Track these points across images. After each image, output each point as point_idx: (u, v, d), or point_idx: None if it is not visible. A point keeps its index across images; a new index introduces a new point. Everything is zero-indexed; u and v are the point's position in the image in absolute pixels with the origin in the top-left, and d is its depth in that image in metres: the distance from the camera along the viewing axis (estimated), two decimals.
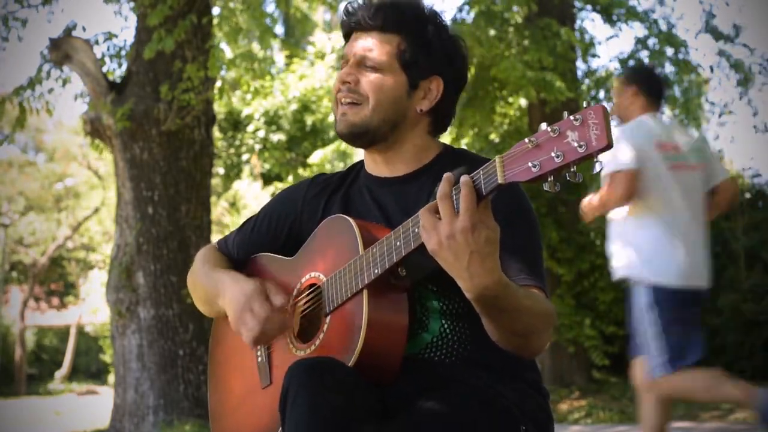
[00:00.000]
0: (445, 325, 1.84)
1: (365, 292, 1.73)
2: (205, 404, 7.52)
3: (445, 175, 1.57)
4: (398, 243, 1.67)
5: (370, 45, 1.91)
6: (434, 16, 1.95)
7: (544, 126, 1.46)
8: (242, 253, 2.16)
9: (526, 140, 1.46)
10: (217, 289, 2.02)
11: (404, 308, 1.76)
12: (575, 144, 1.40)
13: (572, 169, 1.43)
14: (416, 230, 1.63)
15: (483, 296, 1.57)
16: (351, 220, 1.83)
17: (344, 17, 1.97)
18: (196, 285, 2.15)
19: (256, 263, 2.12)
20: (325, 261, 1.89)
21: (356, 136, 1.93)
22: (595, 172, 1.44)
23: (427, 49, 1.92)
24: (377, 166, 2.01)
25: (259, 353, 2.00)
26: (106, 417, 8.40)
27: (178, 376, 7.51)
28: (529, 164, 1.45)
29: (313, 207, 2.06)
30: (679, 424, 8.27)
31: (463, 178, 1.53)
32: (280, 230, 2.10)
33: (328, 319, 1.82)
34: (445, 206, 1.54)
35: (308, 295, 1.92)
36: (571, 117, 1.41)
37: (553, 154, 1.42)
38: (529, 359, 1.88)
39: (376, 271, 1.71)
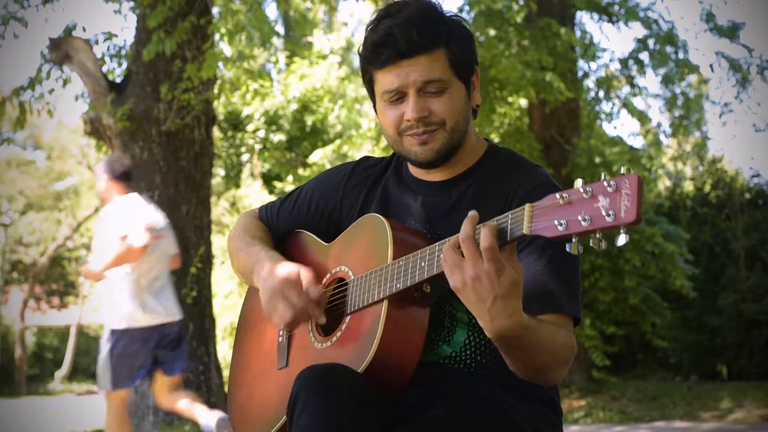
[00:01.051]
0: (471, 338, 1.83)
1: (385, 303, 1.73)
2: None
3: (471, 214, 1.55)
4: (423, 263, 1.67)
5: (425, 69, 1.81)
6: (444, 10, 1.91)
7: (579, 183, 1.44)
8: (282, 227, 2.16)
9: (557, 195, 1.45)
10: (252, 266, 2.02)
11: (423, 324, 1.75)
12: (604, 212, 1.38)
13: (597, 236, 1.41)
14: (441, 255, 1.62)
15: (502, 337, 1.57)
16: (387, 225, 1.81)
17: (381, 48, 1.83)
18: (233, 253, 2.15)
19: (295, 240, 2.12)
20: (355, 258, 1.89)
21: (441, 159, 1.88)
22: (618, 244, 1.39)
23: (465, 46, 1.88)
24: (426, 172, 1.96)
25: (281, 333, 2.01)
26: None
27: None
28: (556, 222, 1.43)
29: (353, 197, 2.05)
30: (679, 424, 8.27)
31: (490, 223, 1.52)
32: (320, 214, 2.09)
33: (347, 319, 1.83)
34: (469, 247, 1.52)
35: (335, 288, 1.93)
36: (605, 182, 1.39)
37: (580, 218, 1.40)
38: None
39: (398, 285, 1.71)
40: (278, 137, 15.91)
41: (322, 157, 12.69)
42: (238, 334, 2.21)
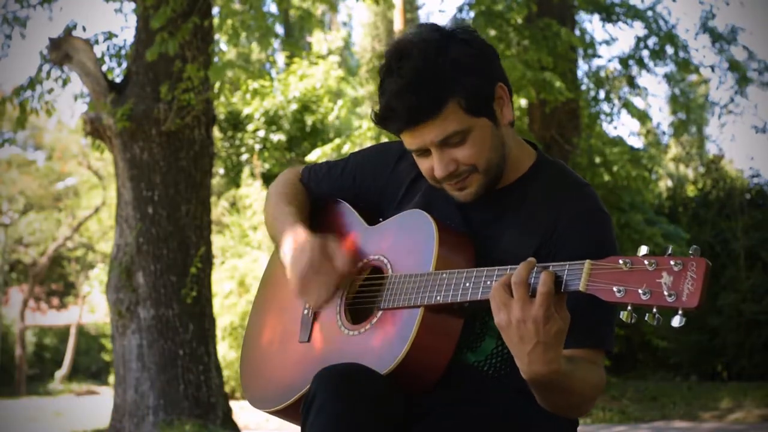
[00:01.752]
0: (499, 348, 1.82)
1: (422, 310, 1.72)
2: (204, 404, 7.53)
3: (529, 259, 1.54)
4: (467, 284, 1.66)
5: (438, 130, 1.74)
6: (448, 40, 1.77)
7: (643, 250, 1.44)
8: (322, 193, 2.12)
9: (621, 261, 1.44)
10: (280, 233, 2.00)
11: (455, 334, 1.75)
12: (666, 290, 1.38)
13: (653, 311, 1.40)
14: (488, 283, 1.62)
15: (536, 380, 1.57)
16: (435, 229, 1.79)
17: (387, 122, 1.78)
18: (266, 210, 2.12)
19: (338, 210, 2.09)
20: (396, 253, 1.87)
21: (485, 194, 1.84)
22: (674, 325, 1.38)
23: (475, 78, 1.76)
24: None
25: (306, 305, 1.98)
26: (106, 417, 8.39)
27: (178, 376, 7.50)
28: (615, 288, 1.43)
29: (397, 182, 2.00)
30: (679, 423, 8.27)
31: (545, 274, 1.50)
32: (365, 188, 2.05)
33: (380, 313, 1.81)
34: (520, 291, 1.52)
35: (371, 277, 1.90)
36: (672, 260, 1.39)
37: (640, 290, 1.40)
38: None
39: (438, 298, 1.70)
40: (278, 137, 15.91)
41: (320, 156, 12.69)
42: (260, 291, 2.17)
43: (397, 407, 1.69)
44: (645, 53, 11.68)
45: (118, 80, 8.14)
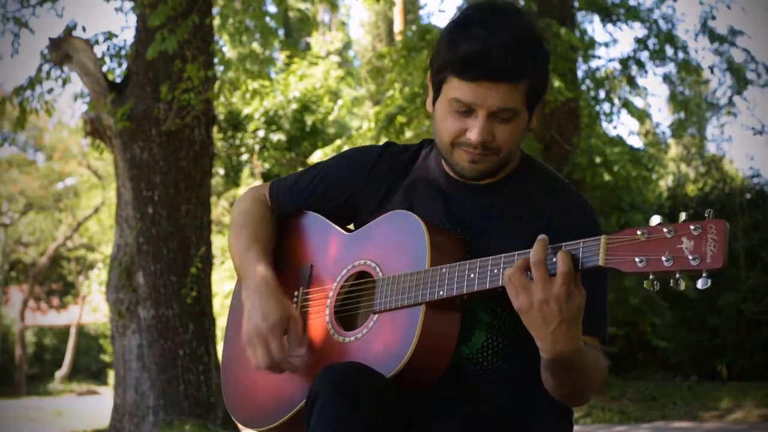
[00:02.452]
0: (488, 341, 1.83)
1: (423, 308, 1.72)
2: (204, 404, 7.53)
3: (541, 238, 1.55)
4: (472, 275, 1.66)
5: (505, 97, 1.75)
6: (541, 36, 1.83)
7: (656, 220, 1.44)
8: (291, 206, 2.08)
9: (638, 231, 1.44)
10: (243, 277, 1.96)
11: (456, 329, 1.75)
12: (689, 254, 1.38)
13: (677, 276, 1.41)
14: (495, 271, 1.62)
15: (558, 360, 1.59)
16: (424, 227, 1.78)
17: (471, 63, 1.74)
18: (231, 241, 2.07)
19: (307, 221, 2.05)
20: (384, 256, 1.85)
21: (481, 177, 1.86)
22: (700, 287, 1.39)
23: (543, 76, 1.83)
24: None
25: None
26: (106, 417, 8.40)
27: (178, 376, 7.51)
28: (636, 259, 1.44)
29: (376, 185, 1.98)
30: (679, 423, 8.27)
31: (563, 253, 1.52)
32: (337, 196, 2.02)
33: (376, 317, 1.80)
34: (540, 271, 1.53)
35: (359, 282, 1.89)
36: (691, 225, 1.40)
37: (663, 258, 1.41)
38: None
39: (441, 293, 1.70)
40: (278, 137, 15.91)
41: (321, 158, 12.70)
42: (232, 316, 2.12)
43: (400, 405, 1.68)
44: (645, 54, 11.69)
45: (118, 80, 8.15)
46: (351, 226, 2.03)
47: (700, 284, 1.39)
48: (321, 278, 1.95)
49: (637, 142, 19.04)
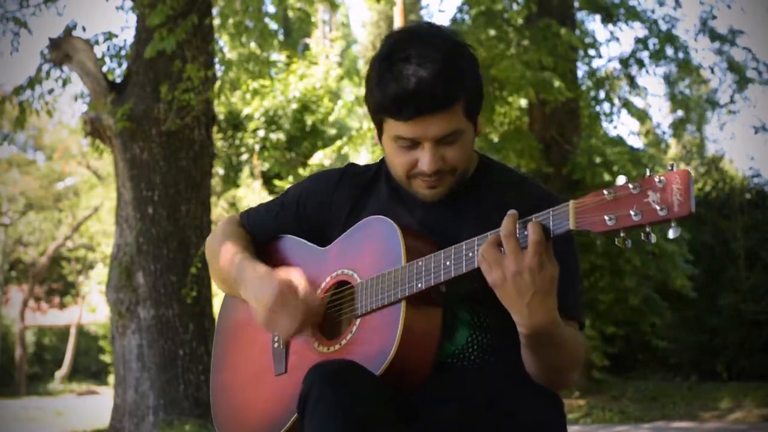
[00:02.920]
0: (472, 336, 1.84)
1: (403, 303, 1.73)
2: (204, 404, 7.53)
3: (511, 212, 1.58)
4: (448, 263, 1.68)
5: (445, 124, 1.77)
6: (462, 42, 1.85)
7: (622, 179, 1.46)
8: (263, 233, 2.11)
9: (605, 191, 1.46)
10: (237, 277, 1.98)
11: (438, 323, 1.77)
12: (656, 206, 1.40)
13: (647, 230, 1.43)
14: (470, 255, 1.64)
15: (536, 333, 1.60)
16: (397, 227, 1.80)
17: (401, 104, 1.76)
18: (213, 261, 2.10)
19: (283, 245, 2.08)
20: (361, 262, 1.86)
21: (444, 197, 1.88)
22: (671, 236, 1.42)
23: (476, 86, 1.85)
24: None
25: (276, 338, 1.97)
26: (106, 417, 8.40)
27: (178, 376, 7.51)
28: (605, 217, 1.45)
29: (341, 205, 2.01)
30: (679, 423, 8.27)
31: (533, 223, 1.54)
32: (305, 219, 2.05)
33: (358, 321, 1.81)
34: (511, 243, 1.55)
35: (337, 291, 1.90)
36: (655, 178, 1.41)
37: (631, 212, 1.42)
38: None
39: (419, 285, 1.71)
40: (278, 137, 15.92)
41: (322, 159, 12.70)
42: (218, 339, 2.16)
43: (392, 400, 1.69)
44: (645, 54, 11.69)
45: (118, 80, 8.15)
46: (323, 244, 2.04)
47: (671, 234, 1.40)
48: None
49: (637, 142, 19.03)
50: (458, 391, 1.78)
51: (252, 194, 15.32)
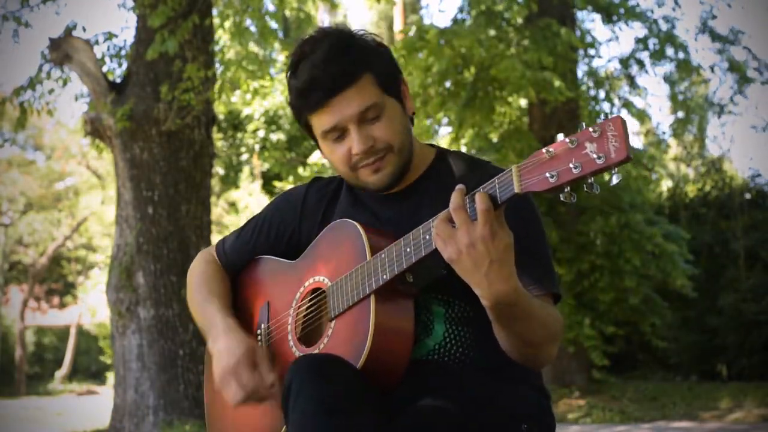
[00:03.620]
0: (450, 330, 1.84)
1: (372, 297, 1.74)
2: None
3: (458, 186, 1.58)
4: (408, 249, 1.68)
5: (357, 100, 1.83)
6: (355, 32, 1.92)
7: (561, 137, 1.46)
8: (240, 260, 2.15)
9: (543, 150, 1.47)
10: (208, 330, 2.01)
11: (411, 314, 1.77)
12: (594, 155, 1.40)
13: (590, 180, 1.44)
14: (427, 237, 1.64)
15: (499, 303, 1.59)
16: (358, 225, 1.83)
17: (308, 93, 1.84)
18: (190, 302, 2.15)
19: (256, 266, 2.12)
20: (329, 266, 1.88)
21: (397, 181, 1.91)
22: (612, 183, 1.43)
23: (384, 62, 1.90)
24: None
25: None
26: (106, 417, 8.40)
27: (178, 376, 7.51)
28: (547, 174, 1.45)
29: (311, 216, 2.06)
30: (679, 423, 8.27)
31: (480, 193, 1.54)
32: (279, 238, 2.10)
33: (332, 324, 1.82)
34: (461, 216, 1.55)
35: (312, 299, 1.92)
36: (590, 129, 1.42)
37: (571, 165, 1.43)
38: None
39: (384, 276, 1.72)
40: (278, 137, 15.92)
41: (321, 158, 12.68)
42: (208, 362, 2.17)
43: (375, 391, 1.70)
44: (645, 54, 11.69)
45: (118, 80, 8.15)
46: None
47: (613, 180, 1.41)
48: (279, 310, 2.00)
49: (637, 142, 19.02)
50: (439, 387, 1.78)
51: (253, 193, 15.32)
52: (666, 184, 15.94)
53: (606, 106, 12.38)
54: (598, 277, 10.72)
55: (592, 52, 11.93)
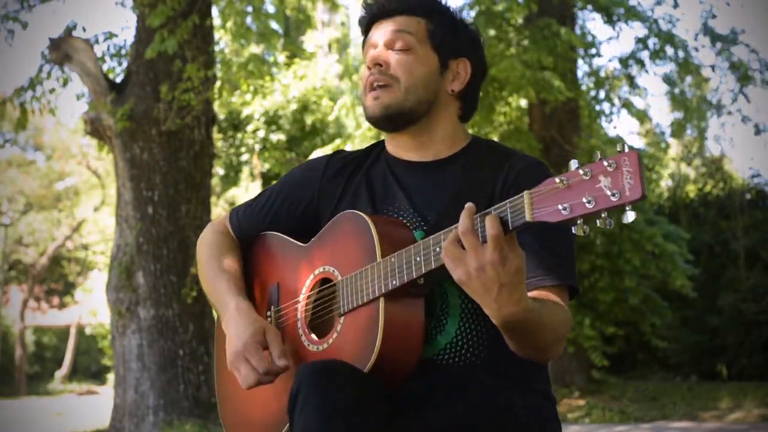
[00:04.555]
0: (463, 327, 1.83)
1: (382, 300, 1.73)
2: (204, 404, 7.54)
3: (467, 206, 1.55)
4: (418, 259, 1.67)
5: (398, 27, 1.91)
6: (449, 6, 1.99)
7: (574, 165, 1.44)
8: (253, 229, 2.13)
9: (557, 179, 1.44)
10: (219, 308, 2.01)
11: (421, 315, 1.76)
12: (608, 192, 1.37)
13: (603, 216, 1.40)
14: (437, 249, 1.62)
15: (509, 323, 1.58)
16: (370, 222, 1.80)
17: (365, 9, 1.97)
18: (201, 275, 2.12)
19: (268, 242, 2.09)
20: (340, 258, 1.87)
21: (390, 118, 1.91)
22: (627, 221, 1.39)
23: (454, 31, 1.94)
24: (404, 151, 1.99)
25: None
26: (106, 417, 8.40)
27: (178, 376, 7.51)
28: (559, 207, 1.43)
29: (331, 188, 2.03)
30: (679, 423, 8.26)
31: (490, 217, 1.51)
32: (294, 211, 2.07)
33: (342, 319, 1.82)
34: (470, 240, 1.53)
35: (322, 290, 1.91)
36: (605, 162, 1.39)
37: (584, 200, 1.40)
38: (541, 366, 1.90)
39: (394, 282, 1.71)
40: (278, 137, 15.91)
41: None
42: (218, 344, 2.17)
43: (381, 397, 1.69)
44: (645, 54, 11.68)
45: (118, 79, 8.15)
46: (310, 234, 2.05)
47: (627, 219, 1.38)
48: (289, 294, 1.99)
49: (637, 142, 19.03)
50: (449, 386, 1.78)
51: (253, 194, 15.31)
52: (666, 184, 15.94)
53: (606, 106, 12.38)
54: (598, 277, 10.72)
55: (592, 51, 11.93)
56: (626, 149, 1.38)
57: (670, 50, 11.47)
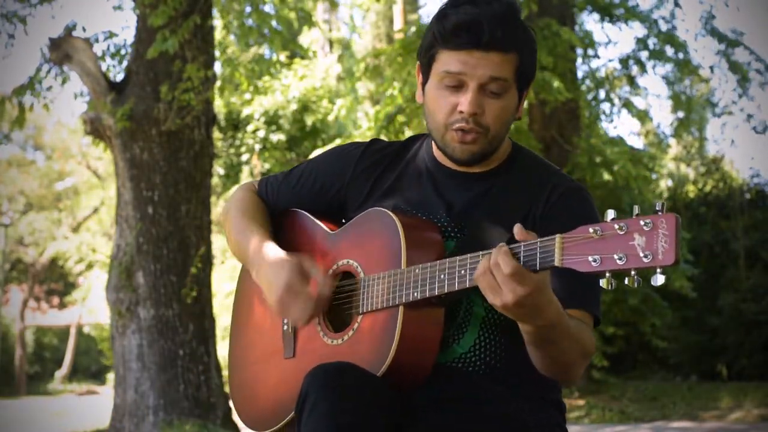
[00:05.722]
0: (482, 337, 1.82)
1: (401, 308, 1.72)
2: (204, 404, 7.54)
3: (500, 246, 1.54)
4: (443, 276, 1.67)
5: (496, 66, 1.78)
6: (534, 35, 1.90)
7: (610, 215, 1.43)
8: (282, 202, 2.10)
9: (591, 229, 1.43)
10: (248, 256, 1.97)
11: (439, 327, 1.76)
12: (641, 252, 1.36)
13: (632, 274, 1.39)
14: (462, 273, 1.63)
15: (539, 329, 1.60)
16: (400, 226, 1.78)
17: (462, 32, 1.77)
18: (229, 233, 2.08)
19: (296, 220, 2.06)
20: (365, 255, 1.86)
21: (476, 161, 1.87)
22: (655, 284, 1.38)
23: (533, 58, 1.87)
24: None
25: (285, 321, 1.97)
26: (106, 417, 8.40)
27: (178, 376, 7.51)
28: (590, 258, 1.42)
29: (362, 179, 1.99)
30: (679, 423, 8.27)
31: (520, 261, 1.52)
32: (324, 193, 2.03)
33: (360, 318, 1.81)
34: (500, 275, 1.53)
35: (344, 283, 1.90)
36: (641, 221, 1.37)
37: (616, 255, 1.39)
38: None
39: (415, 294, 1.71)
40: (278, 137, 15.91)
41: None
42: (235, 315, 2.16)
43: (391, 404, 1.69)
44: (644, 54, 11.69)
45: (118, 78, 8.15)
46: (337, 222, 2.04)
47: (655, 282, 1.37)
48: None
49: (637, 142, 19.04)
50: (462, 394, 1.77)
51: None
52: (666, 184, 15.94)
53: (606, 106, 12.38)
54: None
55: (591, 52, 11.93)
56: (665, 211, 1.37)
57: (670, 50, 11.47)
